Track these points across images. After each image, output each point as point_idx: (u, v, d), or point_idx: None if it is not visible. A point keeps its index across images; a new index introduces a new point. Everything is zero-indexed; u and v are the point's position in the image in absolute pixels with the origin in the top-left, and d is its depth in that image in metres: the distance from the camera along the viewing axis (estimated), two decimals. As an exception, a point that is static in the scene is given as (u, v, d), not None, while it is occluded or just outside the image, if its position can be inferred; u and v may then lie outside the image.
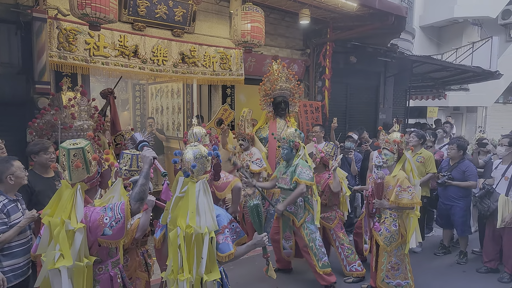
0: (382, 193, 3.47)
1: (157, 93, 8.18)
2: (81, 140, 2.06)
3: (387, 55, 7.42)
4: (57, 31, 3.80)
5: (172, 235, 2.08)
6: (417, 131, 5.06)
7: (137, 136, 2.30)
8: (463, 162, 4.67)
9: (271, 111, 5.28)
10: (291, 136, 3.79)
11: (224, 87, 5.74)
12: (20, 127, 3.77)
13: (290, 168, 3.76)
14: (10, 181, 2.57)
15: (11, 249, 2.54)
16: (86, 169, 2.02)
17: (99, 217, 1.96)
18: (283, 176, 3.86)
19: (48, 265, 1.87)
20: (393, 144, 3.52)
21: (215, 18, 5.38)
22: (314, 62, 6.67)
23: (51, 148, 3.03)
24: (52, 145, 3.05)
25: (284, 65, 5.39)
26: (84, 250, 1.93)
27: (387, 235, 3.46)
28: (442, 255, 4.88)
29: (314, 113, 6.40)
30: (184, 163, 2.22)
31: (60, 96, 3.38)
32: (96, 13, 3.17)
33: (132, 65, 4.41)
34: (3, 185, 2.57)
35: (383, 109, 8.25)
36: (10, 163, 2.60)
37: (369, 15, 5.63)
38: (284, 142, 3.83)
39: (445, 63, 8.99)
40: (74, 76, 4.14)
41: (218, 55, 5.22)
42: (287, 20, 6.30)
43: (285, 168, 3.87)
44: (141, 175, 2.08)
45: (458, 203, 4.64)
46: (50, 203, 1.98)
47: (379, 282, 3.52)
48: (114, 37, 4.23)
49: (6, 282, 2.48)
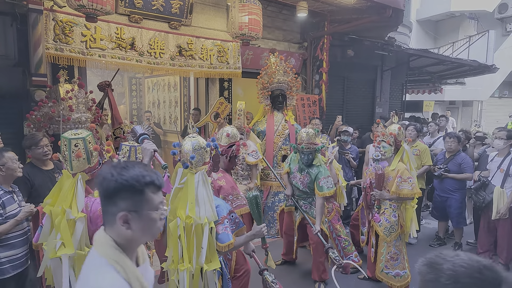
0: (382, 184, 3.51)
1: (154, 87, 8.16)
2: (83, 130, 2.08)
3: (384, 49, 7.43)
4: (53, 23, 3.77)
5: (172, 225, 2.10)
6: (415, 124, 5.10)
7: (138, 129, 2.32)
8: (459, 154, 4.72)
9: (268, 105, 5.29)
10: (313, 140, 3.59)
11: (221, 81, 5.73)
12: (17, 119, 3.76)
13: (310, 170, 3.64)
14: (1, 172, 2.54)
15: (9, 240, 2.54)
16: (87, 160, 2.03)
17: (100, 208, 1.97)
18: (298, 174, 3.73)
19: (50, 253, 1.88)
20: (390, 136, 3.56)
21: (212, 11, 5.35)
22: (312, 56, 6.66)
23: (42, 142, 2.99)
24: (44, 138, 3.02)
25: (281, 58, 5.38)
26: (85, 239, 1.95)
27: (387, 226, 3.51)
28: (437, 247, 4.95)
29: (311, 106, 6.41)
30: (183, 155, 2.24)
31: (58, 89, 3.36)
32: (92, 4, 3.15)
33: (129, 58, 4.38)
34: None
35: (380, 103, 8.28)
36: (2, 154, 2.57)
37: (367, 8, 5.63)
38: (305, 148, 3.59)
39: (442, 56, 9.03)
40: (71, 68, 4.10)
41: (215, 48, 5.21)
42: (285, 13, 6.27)
43: (302, 165, 3.71)
44: (141, 167, 2.09)
45: (454, 195, 4.70)
46: (51, 192, 2.00)
47: (378, 272, 3.58)
48: (110, 29, 4.20)
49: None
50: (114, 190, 1.08)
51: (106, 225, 1.14)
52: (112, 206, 1.10)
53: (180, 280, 2.03)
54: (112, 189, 1.08)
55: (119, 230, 1.10)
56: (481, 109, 16.04)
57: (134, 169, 1.11)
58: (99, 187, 1.12)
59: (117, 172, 1.09)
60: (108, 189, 1.09)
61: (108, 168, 1.11)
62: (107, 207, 1.12)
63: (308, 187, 3.67)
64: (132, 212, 1.09)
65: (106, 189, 1.10)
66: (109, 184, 1.08)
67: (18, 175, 2.65)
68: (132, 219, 1.09)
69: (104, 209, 1.13)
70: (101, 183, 1.10)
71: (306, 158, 3.64)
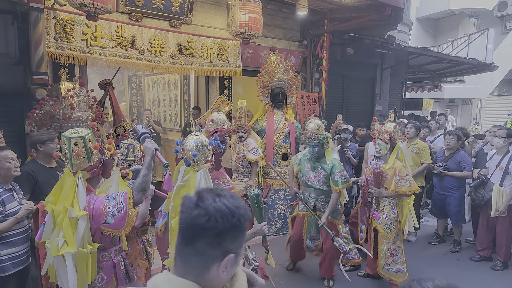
0: (381, 182, 3.53)
1: (154, 85, 8.15)
2: (83, 129, 2.08)
3: (384, 47, 7.44)
4: (54, 21, 3.77)
5: (174, 223, 2.12)
6: (413, 122, 5.12)
7: (139, 128, 2.34)
8: (458, 152, 4.75)
9: (268, 103, 5.30)
10: (320, 131, 3.58)
11: (221, 79, 5.74)
12: (18, 117, 3.77)
13: (324, 166, 3.61)
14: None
15: (9, 237, 2.55)
16: (87, 158, 2.04)
17: (102, 206, 1.99)
18: (312, 173, 3.68)
19: (53, 252, 1.90)
20: (385, 134, 3.57)
21: (212, 9, 5.35)
22: (311, 54, 6.67)
23: (57, 138, 3.04)
24: (57, 135, 3.05)
25: (281, 56, 5.39)
26: (88, 237, 1.96)
27: (387, 223, 3.54)
28: (436, 244, 4.98)
29: (311, 104, 6.43)
30: (186, 152, 2.25)
31: (59, 87, 3.37)
32: (94, 3, 3.15)
33: (129, 56, 4.39)
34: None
35: (380, 101, 8.30)
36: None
37: (367, 6, 5.63)
38: (312, 138, 3.56)
39: (442, 55, 9.03)
40: (72, 66, 4.11)
41: (216, 46, 5.21)
42: (285, 11, 6.28)
43: (313, 163, 3.68)
44: (143, 166, 2.10)
45: (453, 193, 4.73)
46: (53, 191, 2.01)
47: (380, 269, 3.60)
48: (111, 27, 4.21)
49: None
50: (228, 229, 0.88)
51: (189, 270, 0.90)
52: (214, 249, 0.89)
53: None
54: (227, 228, 0.88)
55: (214, 276, 0.90)
56: (481, 107, 16.07)
57: (240, 200, 0.94)
58: (197, 228, 0.88)
59: (235, 207, 0.90)
60: (217, 228, 0.88)
61: (216, 203, 0.89)
62: (205, 250, 0.89)
63: (325, 183, 3.64)
64: (236, 254, 0.93)
65: (214, 227, 0.87)
66: (225, 223, 0.88)
67: (14, 174, 2.62)
68: (233, 262, 0.92)
69: (193, 251, 0.89)
70: (208, 221, 0.87)
71: (313, 150, 3.59)
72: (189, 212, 0.89)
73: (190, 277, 0.90)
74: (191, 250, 0.90)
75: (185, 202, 0.92)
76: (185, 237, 0.90)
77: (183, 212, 0.91)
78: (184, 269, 0.91)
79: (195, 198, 0.91)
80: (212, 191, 0.94)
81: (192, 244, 0.89)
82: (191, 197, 0.92)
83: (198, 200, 0.90)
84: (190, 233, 0.89)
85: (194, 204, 0.90)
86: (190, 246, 0.90)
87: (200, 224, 0.87)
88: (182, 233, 0.91)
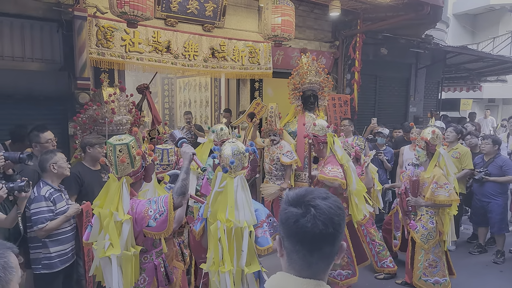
0: (418, 190, 3.41)
1: (185, 87, 8.34)
2: (126, 136, 2.16)
3: (420, 46, 7.17)
4: (95, 28, 3.94)
5: (212, 228, 2.16)
6: (455, 126, 4.89)
7: (177, 133, 2.42)
8: (499, 157, 4.51)
9: (300, 105, 5.25)
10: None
11: (252, 81, 5.77)
12: (62, 120, 3.99)
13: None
14: (53, 170, 2.70)
15: (58, 235, 2.71)
16: (131, 164, 2.12)
17: (144, 209, 2.06)
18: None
19: (99, 253, 1.99)
20: (421, 141, 3.44)
21: (244, 12, 5.38)
22: (343, 54, 6.55)
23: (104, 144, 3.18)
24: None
25: (314, 58, 5.32)
26: (131, 240, 2.04)
27: (424, 233, 3.41)
28: (477, 254, 4.74)
29: (342, 106, 6.31)
30: (223, 159, 2.28)
31: (101, 92, 3.52)
32: (134, 11, 3.26)
33: (164, 61, 4.51)
34: (47, 174, 2.72)
35: (414, 102, 8.01)
36: (54, 153, 2.76)
37: (403, 5, 5.45)
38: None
39: (482, 53, 8.58)
40: (111, 71, 4.29)
41: (247, 49, 5.24)
42: (316, 12, 6.20)
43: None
44: (182, 170, 2.16)
45: (495, 200, 4.48)
46: (99, 195, 2.11)
47: (416, 280, 3.48)
48: (148, 33, 4.34)
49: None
50: (342, 224, 0.95)
51: (317, 272, 0.96)
52: (336, 246, 0.95)
53: (221, 281, 2.09)
54: (342, 225, 0.95)
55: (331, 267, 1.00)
56: (523, 107, 15.13)
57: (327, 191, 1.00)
58: (324, 236, 0.92)
59: (335, 200, 0.96)
60: (338, 231, 0.94)
61: (332, 209, 0.93)
62: (331, 252, 0.95)
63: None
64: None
65: (336, 231, 0.93)
66: (341, 220, 0.94)
67: (66, 174, 2.82)
68: (344, 247, 1.01)
69: (321, 255, 0.95)
70: (332, 220, 0.92)
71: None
72: (312, 225, 0.91)
73: (317, 276, 0.95)
74: (318, 255, 0.94)
75: (298, 218, 0.92)
76: (311, 246, 0.93)
77: (302, 227, 0.91)
78: (309, 271, 0.95)
79: (313, 211, 0.92)
80: (316, 197, 0.94)
81: (319, 250, 0.93)
82: (304, 211, 0.92)
83: (315, 211, 0.92)
84: (316, 244, 0.93)
85: (313, 217, 0.91)
86: (317, 252, 0.93)
87: (326, 234, 0.91)
88: (307, 246, 0.93)
